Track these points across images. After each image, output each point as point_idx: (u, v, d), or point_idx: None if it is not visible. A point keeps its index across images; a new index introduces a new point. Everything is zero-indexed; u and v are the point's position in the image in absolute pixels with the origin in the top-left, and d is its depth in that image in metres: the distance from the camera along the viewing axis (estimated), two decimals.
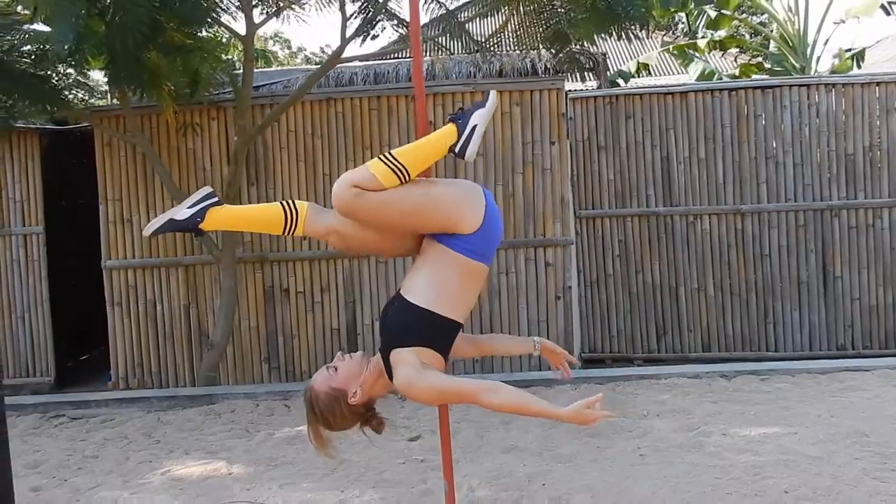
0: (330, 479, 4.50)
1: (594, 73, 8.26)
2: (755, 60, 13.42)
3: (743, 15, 13.75)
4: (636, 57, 13.38)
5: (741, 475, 4.19)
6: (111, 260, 7.08)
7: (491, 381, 2.56)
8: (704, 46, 12.01)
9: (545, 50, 6.88)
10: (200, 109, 6.93)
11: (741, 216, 7.34)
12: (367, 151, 6.87)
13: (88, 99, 7.14)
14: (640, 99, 7.50)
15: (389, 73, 7.58)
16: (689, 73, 11.84)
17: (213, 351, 6.68)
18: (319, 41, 48.30)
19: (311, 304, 7.03)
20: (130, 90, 6.39)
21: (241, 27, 6.54)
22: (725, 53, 14.74)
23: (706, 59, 12.50)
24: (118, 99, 6.70)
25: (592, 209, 7.51)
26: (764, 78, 10.47)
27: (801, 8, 11.97)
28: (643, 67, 12.11)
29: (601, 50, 8.48)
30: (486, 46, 6.87)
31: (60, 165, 7.83)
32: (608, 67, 9.34)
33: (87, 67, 6.60)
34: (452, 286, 2.62)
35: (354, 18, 6.61)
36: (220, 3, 6.43)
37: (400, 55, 8.30)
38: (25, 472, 4.85)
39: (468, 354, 3.06)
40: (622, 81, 11.73)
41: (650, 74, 12.38)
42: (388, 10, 6.61)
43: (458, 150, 2.65)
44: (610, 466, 4.46)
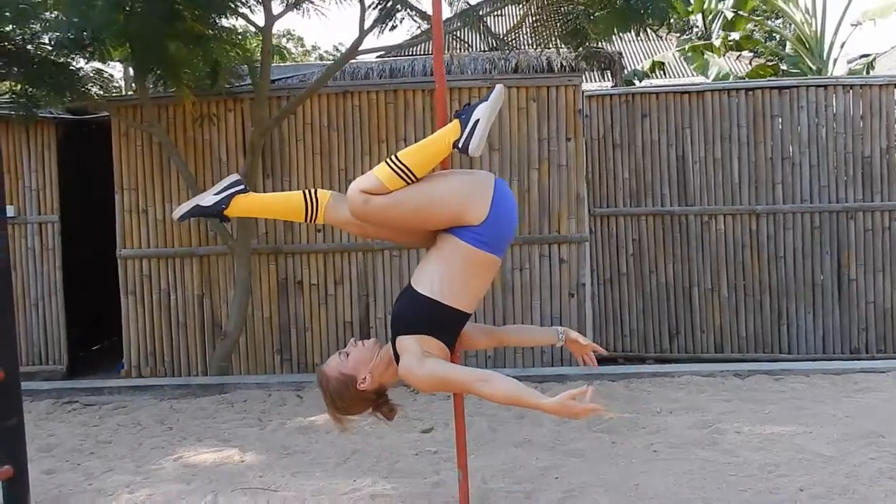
0: (342, 468, 4.50)
1: (610, 72, 8.27)
2: (770, 63, 13.37)
3: (759, 16, 13.70)
4: (651, 57, 13.35)
5: (756, 472, 4.18)
6: (126, 249, 7.10)
7: (488, 371, 2.61)
8: (720, 46, 11.97)
9: (563, 46, 6.87)
10: (217, 100, 6.94)
11: (756, 217, 7.31)
12: (382, 145, 6.88)
13: (106, 87, 7.15)
14: (656, 97, 7.49)
15: (405, 68, 7.60)
16: (705, 75, 11.81)
17: (226, 341, 6.70)
18: (333, 39, 48.29)
19: (324, 296, 7.04)
20: (150, 80, 6.40)
21: (259, 19, 6.57)
22: (740, 56, 14.70)
23: (722, 60, 12.45)
24: (137, 89, 6.72)
25: (607, 207, 7.49)
26: (781, 78, 10.42)
27: (818, 10, 11.95)
28: (658, 66, 12.08)
29: (617, 49, 8.47)
30: (504, 41, 6.87)
31: (76, 155, 7.86)
32: (623, 67, 9.31)
33: (107, 57, 6.62)
34: (459, 276, 2.64)
35: (373, 9, 6.61)
36: None
37: (415, 51, 8.32)
38: (39, 455, 4.86)
39: (484, 345, 3.07)
40: (637, 81, 11.70)
41: (665, 74, 12.33)
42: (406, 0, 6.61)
43: (461, 145, 2.65)
44: (623, 462, 4.45)
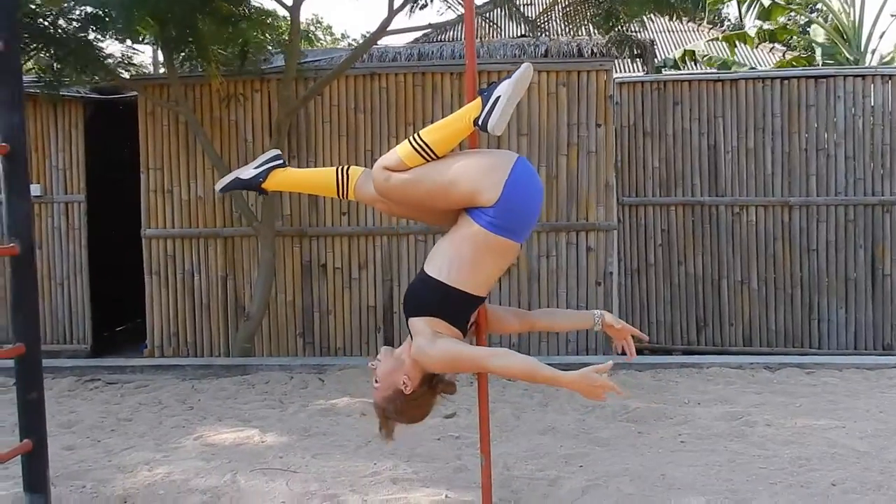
0: (364, 450, 4.45)
1: (642, 59, 8.14)
2: (804, 56, 13.14)
3: (797, 5, 13.43)
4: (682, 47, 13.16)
5: (786, 466, 4.07)
6: (151, 229, 7.10)
7: (502, 348, 2.60)
8: (755, 36, 11.75)
9: (595, 30, 6.75)
10: (244, 81, 6.90)
11: (789, 209, 7.16)
12: (409, 127, 6.81)
13: (134, 67, 7.15)
14: (688, 85, 7.36)
15: (433, 53, 7.51)
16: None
17: (249, 322, 6.68)
18: (361, 28, 48.27)
19: (348, 280, 6.99)
20: (178, 59, 6.37)
21: None
22: (773, 49, 14.46)
23: (753, 53, 12.26)
24: (165, 68, 6.70)
25: (636, 196, 7.38)
26: (817, 67, 10.21)
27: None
28: (689, 55, 11.89)
29: (649, 37, 8.35)
30: (536, 23, 6.76)
31: (103, 135, 7.86)
32: (655, 54, 9.18)
33: (135, 37, 6.60)
34: (469, 259, 2.59)
35: None
36: None
37: (443, 38, 8.23)
38: (60, 431, 4.86)
39: (516, 329, 3.00)
40: (667, 70, 11.53)
41: (696, 64, 12.16)
42: None
43: (480, 122, 2.58)
44: (649, 451, 4.35)
